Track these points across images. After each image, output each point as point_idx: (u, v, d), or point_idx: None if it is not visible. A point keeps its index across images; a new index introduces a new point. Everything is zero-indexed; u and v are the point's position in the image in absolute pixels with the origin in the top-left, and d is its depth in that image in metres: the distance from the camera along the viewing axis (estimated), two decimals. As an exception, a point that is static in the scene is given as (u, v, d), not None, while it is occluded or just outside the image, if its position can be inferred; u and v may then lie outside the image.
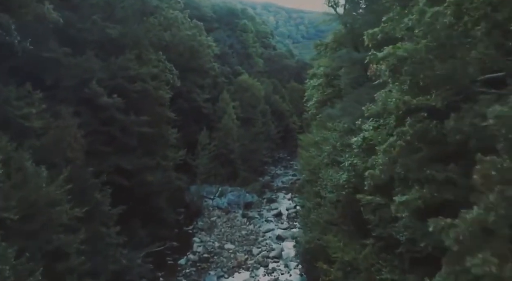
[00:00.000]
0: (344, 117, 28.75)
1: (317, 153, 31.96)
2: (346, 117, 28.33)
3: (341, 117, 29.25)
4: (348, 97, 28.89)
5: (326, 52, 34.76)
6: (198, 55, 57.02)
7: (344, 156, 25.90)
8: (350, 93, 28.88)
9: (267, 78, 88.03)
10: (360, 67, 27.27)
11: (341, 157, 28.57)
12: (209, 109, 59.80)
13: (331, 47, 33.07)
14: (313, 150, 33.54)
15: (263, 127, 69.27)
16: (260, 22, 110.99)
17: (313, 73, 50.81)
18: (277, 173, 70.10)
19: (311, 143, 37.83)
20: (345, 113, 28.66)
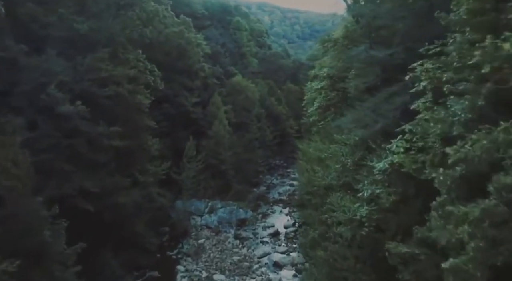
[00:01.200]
0: (357, 129, 23.34)
1: (323, 172, 26.42)
2: (360, 130, 22.96)
3: (353, 129, 23.85)
4: (362, 105, 23.41)
5: (335, 50, 29.23)
6: (186, 54, 51.51)
7: (362, 182, 20.48)
8: (365, 100, 23.41)
9: (262, 79, 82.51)
10: (379, 69, 21.86)
11: (355, 181, 23.26)
12: (199, 114, 54.27)
13: (342, 44, 27.56)
14: (318, 168, 28.03)
15: (258, 133, 63.76)
16: (254, 20, 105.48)
17: (314, 75, 45.41)
18: (273, 182, 64.58)
19: (313, 157, 32.35)
20: (358, 125, 23.24)
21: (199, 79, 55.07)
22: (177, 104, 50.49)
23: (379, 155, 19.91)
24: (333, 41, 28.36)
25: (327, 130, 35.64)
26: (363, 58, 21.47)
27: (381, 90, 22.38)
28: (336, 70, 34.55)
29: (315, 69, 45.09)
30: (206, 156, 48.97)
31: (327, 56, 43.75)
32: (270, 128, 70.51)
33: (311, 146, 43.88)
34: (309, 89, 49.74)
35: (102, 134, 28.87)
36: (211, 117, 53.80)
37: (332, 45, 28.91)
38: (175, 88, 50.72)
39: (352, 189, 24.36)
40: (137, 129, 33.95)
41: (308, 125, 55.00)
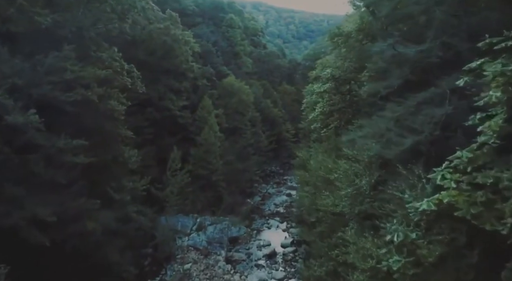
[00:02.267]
0: (376, 145, 18.55)
1: (332, 198, 21.55)
2: (381, 146, 18.18)
3: (369, 144, 19.04)
4: (383, 115, 18.57)
5: (346, 46, 24.38)
6: (173, 53, 46.51)
7: (386, 220, 15.79)
8: (384, 108, 18.58)
9: (257, 80, 77.73)
10: (407, 69, 17.01)
11: (373, 210, 18.52)
12: (187, 118, 49.30)
13: (356, 39, 22.70)
14: (324, 190, 23.16)
15: (253, 138, 58.94)
16: (249, 17, 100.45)
17: (315, 76, 40.61)
18: (269, 192, 59.74)
19: (316, 174, 27.49)
20: (379, 140, 18.45)
21: (188, 80, 50.09)
22: (162, 108, 45.53)
23: (413, 184, 15.14)
24: (345, 36, 23.42)
25: (332, 140, 30.91)
26: (388, 56, 16.57)
27: (406, 96, 17.60)
28: (342, 71, 29.83)
29: (317, 70, 40.32)
30: (194, 166, 44.09)
31: (330, 54, 39.07)
32: (266, 133, 65.76)
33: (312, 157, 39.20)
34: (309, 92, 44.97)
35: (64, 149, 23.83)
36: (200, 122, 48.88)
37: (344, 40, 23.93)
38: (160, 91, 45.76)
39: (370, 220, 19.65)
40: (109, 140, 28.97)
41: (307, 130, 50.33)
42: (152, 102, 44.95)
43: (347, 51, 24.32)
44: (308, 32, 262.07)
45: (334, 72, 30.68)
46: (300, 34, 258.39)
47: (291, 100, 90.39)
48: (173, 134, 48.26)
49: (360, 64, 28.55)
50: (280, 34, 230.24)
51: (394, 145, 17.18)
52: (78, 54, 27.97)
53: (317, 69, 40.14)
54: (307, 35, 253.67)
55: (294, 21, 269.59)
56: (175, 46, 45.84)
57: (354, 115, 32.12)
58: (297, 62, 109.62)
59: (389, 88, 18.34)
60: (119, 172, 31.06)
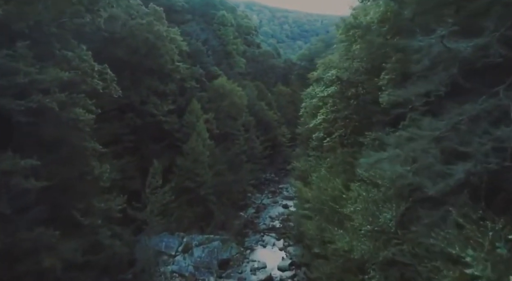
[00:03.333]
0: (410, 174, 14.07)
1: (346, 238, 17.01)
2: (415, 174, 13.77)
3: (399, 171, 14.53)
4: (415, 131, 14.05)
5: (365, 41, 19.86)
6: (157, 52, 41.80)
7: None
8: (420, 123, 14.07)
9: (251, 81, 73.14)
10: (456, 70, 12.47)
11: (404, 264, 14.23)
12: (174, 124, 44.65)
13: (379, 32, 18.16)
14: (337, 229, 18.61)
15: (246, 145, 54.32)
16: (242, 15, 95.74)
17: (316, 77, 36.07)
18: (264, 203, 55.11)
19: (323, 199, 22.96)
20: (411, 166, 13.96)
21: (174, 81, 45.40)
22: (145, 113, 40.84)
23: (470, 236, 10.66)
24: (364, 28, 18.87)
25: (339, 154, 26.44)
26: (436, 53, 12.00)
27: (450, 107, 13.20)
28: (350, 73, 25.38)
29: (318, 70, 35.78)
30: (180, 178, 39.48)
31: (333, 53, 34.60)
32: (260, 138, 61.14)
33: (312, 168, 34.79)
34: (309, 95, 40.50)
35: (10, 172, 19.15)
36: (188, 128, 44.25)
37: (362, 33, 19.38)
38: (143, 94, 41.10)
39: (397, 268, 15.22)
40: (74, 155, 24.27)
41: (305, 136, 45.90)
42: (133, 106, 40.30)
43: (363, 47, 19.71)
44: (302, 32, 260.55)
45: (341, 74, 26.28)
46: (294, 34, 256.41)
47: (287, 102, 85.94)
48: (158, 142, 43.67)
49: (374, 65, 24.19)
50: (274, 34, 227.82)
51: (435, 174, 12.75)
52: (36, 53, 23.38)
53: (318, 69, 35.57)
54: (301, 35, 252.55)
55: (288, 21, 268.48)
56: (159, 44, 41.15)
57: (362, 123, 27.87)
58: (293, 62, 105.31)
59: (424, 95, 13.83)
60: (88, 191, 26.35)
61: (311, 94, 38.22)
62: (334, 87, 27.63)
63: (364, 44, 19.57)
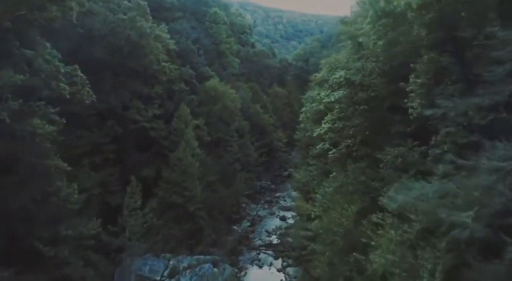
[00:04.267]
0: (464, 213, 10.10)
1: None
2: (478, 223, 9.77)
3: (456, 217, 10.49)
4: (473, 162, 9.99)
5: (400, 32, 15.72)
6: (141, 51, 37.59)
7: None
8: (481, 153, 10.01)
9: (245, 83, 68.99)
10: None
11: None
12: (160, 130, 40.50)
13: (418, 20, 14.08)
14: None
15: (240, 152, 50.19)
16: (236, 13, 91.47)
17: (321, 79, 31.96)
18: (259, 215, 50.96)
19: (335, 230, 18.88)
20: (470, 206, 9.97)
21: (161, 84, 41.19)
22: (128, 119, 36.64)
23: None
24: (399, 15, 14.76)
25: (352, 172, 22.41)
26: None
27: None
28: (365, 74, 21.40)
29: (322, 71, 31.67)
30: (167, 192, 35.34)
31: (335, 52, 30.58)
32: (255, 144, 57.00)
33: (315, 181, 30.88)
34: (310, 99, 36.49)
35: None
36: (176, 135, 40.11)
37: (394, 23, 15.28)
38: (125, 98, 36.91)
39: None
40: (33, 175, 20.06)
41: (305, 143, 41.94)
42: (114, 112, 36.11)
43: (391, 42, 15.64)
44: (296, 32, 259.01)
45: (351, 76, 22.28)
46: (289, 34, 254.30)
47: (283, 104, 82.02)
48: (143, 150, 39.50)
49: (393, 65, 20.21)
50: (268, 34, 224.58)
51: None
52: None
53: (322, 70, 31.52)
54: (295, 35, 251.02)
55: (282, 20, 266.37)
56: (143, 42, 36.96)
57: (374, 133, 23.93)
58: (288, 62, 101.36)
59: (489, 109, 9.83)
60: (54, 216, 22.18)
61: (313, 98, 34.27)
62: (342, 91, 23.62)
63: (399, 35, 15.40)
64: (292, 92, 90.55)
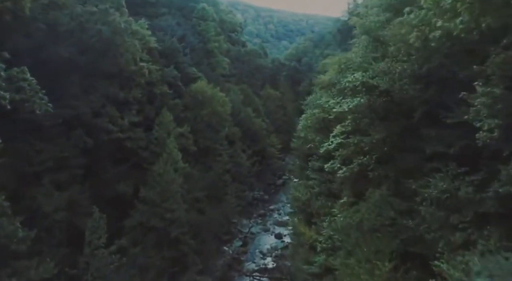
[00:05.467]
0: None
1: None
2: None
3: None
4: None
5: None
6: (115, 49, 32.38)
7: None
8: None
9: (235, 84, 63.96)
10: None
11: None
12: (139, 140, 35.32)
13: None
14: None
15: (231, 162, 45.13)
16: (226, 10, 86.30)
17: (327, 82, 26.80)
18: (252, 231, 45.93)
19: None
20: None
21: (140, 87, 35.98)
22: (99, 128, 31.41)
23: None
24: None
25: (375, 206, 17.54)
26: None
27: None
28: (392, 78, 16.54)
29: (328, 73, 26.57)
30: (145, 214, 30.23)
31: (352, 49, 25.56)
32: (247, 152, 51.94)
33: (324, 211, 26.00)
34: (313, 105, 31.54)
35: None
36: (157, 146, 35.03)
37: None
38: (96, 104, 31.68)
39: None
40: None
41: (304, 153, 37.09)
42: (83, 121, 30.87)
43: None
44: (287, 31, 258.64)
45: (373, 80, 17.41)
46: (279, 33, 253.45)
47: (276, 107, 77.11)
48: (119, 163, 34.28)
49: (431, 66, 15.41)
50: (258, 34, 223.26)
51: None
52: None
53: (328, 72, 26.53)
54: (286, 35, 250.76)
55: (273, 20, 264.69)
56: (118, 39, 31.76)
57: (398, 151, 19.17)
58: (281, 62, 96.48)
59: None
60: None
61: (316, 104, 29.31)
62: (360, 98, 18.72)
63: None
64: (285, 93, 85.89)
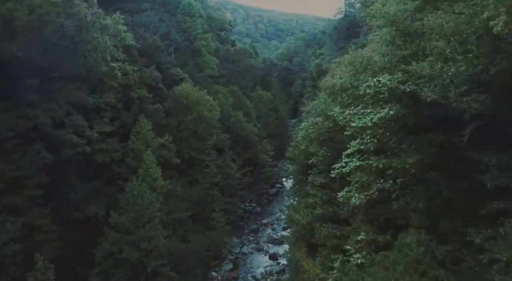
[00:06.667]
0: None
1: None
2: None
3: None
4: None
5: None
6: (82, 47, 27.36)
7: None
8: None
9: (225, 86, 59.00)
10: None
11: None
12: (113, 152, 30.37)
13: None
14: None
15: (219, 174, 40.19)
16: (214, 7, 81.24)
17: (340, 87, 21.54)
18: (244, 252, 40.99)
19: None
20: None
21: (113, 90, 30.94)
22: (62, 141, 26.37)
23: None
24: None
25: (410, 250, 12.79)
26: None
27: None
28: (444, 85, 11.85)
29: (337, 76, 21.52)
30: (117, 244, 25.27)
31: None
32: (238, 161, 46.99)
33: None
34: (315, 112, 26.68)
35: None
36: (133, 159, 30.09)
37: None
38: (58, 112, 26.63)
39: None
40: None
41: (302, 165, 32.42)
42: (42, 133, 25.82)
43: None
44: (277, 31, 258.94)
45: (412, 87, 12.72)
46: (269, 33, 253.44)
47: (268, 110, 72.11)
48: (88, 181, 29.27)
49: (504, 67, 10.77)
50: (248, 33, 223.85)
51: None
52: None
53: (337, 74, 21.62)
54: (276, 35, 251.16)
55: (262, 20, 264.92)
56: (84, 35, 26.69)
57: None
58: (273, 62, 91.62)
59: None
60: None
61: (319, 111, 24.48)
62: (388, 109, 14.00)
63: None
64: (277, 95, 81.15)
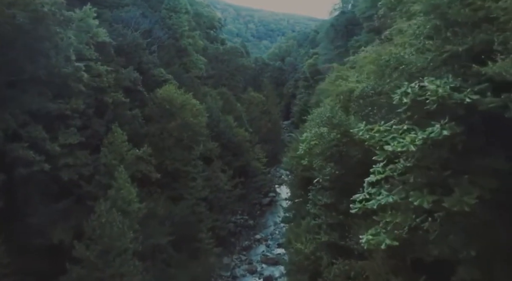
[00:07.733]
0: None
1: None
2: None
3: None
4: None
5: None
6: (40, 45, 22.90)
7: None
8: None
9: (213, 88, 54.63)
10: None
11: None
12: (84, 168, 25.94)
13: None
14: None
15: (207, 188, 35.83)
16: (203, 3, 76.73)
17: (359, 95, 17.07)
18: (235, 275, 36.68)
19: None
20: None
21: (82, 95, 26.45)
22: (14, 158, 21.88)
23: None
24: None
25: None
26: None
27: None
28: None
29: (353, 78, 17.08)
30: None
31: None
32: (228, 172, 42.55)
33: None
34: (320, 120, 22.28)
35: None
36: (105, 175, 25.67)
37: None
38: (10, 123, 22.13)
39: None
40: None
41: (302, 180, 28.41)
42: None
43: None
44: (268, 31, 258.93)
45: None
46: (260, 33, 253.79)
47: (260, 112, 67.85)
48: (53, 202, 24.78)
49: None
50: (239, 33, 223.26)
51: None
52: None
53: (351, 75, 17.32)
54: (267, 35, 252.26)
55: (253, 19, 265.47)
56: (42, 29, 22.22)
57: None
58: (265, 62, 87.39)
59: None
60: None
61: (326, 119, 20.28)
62: (441, 128, 9.83)
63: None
64: (269, 96, 76.99)
